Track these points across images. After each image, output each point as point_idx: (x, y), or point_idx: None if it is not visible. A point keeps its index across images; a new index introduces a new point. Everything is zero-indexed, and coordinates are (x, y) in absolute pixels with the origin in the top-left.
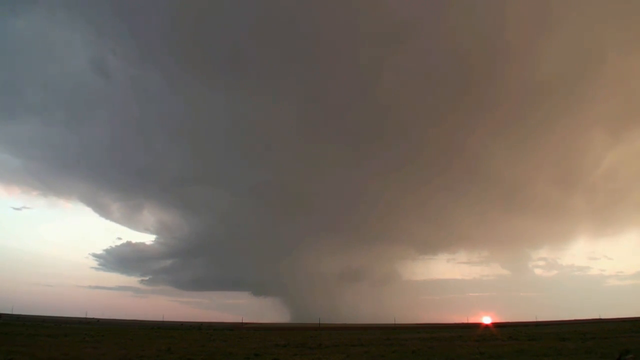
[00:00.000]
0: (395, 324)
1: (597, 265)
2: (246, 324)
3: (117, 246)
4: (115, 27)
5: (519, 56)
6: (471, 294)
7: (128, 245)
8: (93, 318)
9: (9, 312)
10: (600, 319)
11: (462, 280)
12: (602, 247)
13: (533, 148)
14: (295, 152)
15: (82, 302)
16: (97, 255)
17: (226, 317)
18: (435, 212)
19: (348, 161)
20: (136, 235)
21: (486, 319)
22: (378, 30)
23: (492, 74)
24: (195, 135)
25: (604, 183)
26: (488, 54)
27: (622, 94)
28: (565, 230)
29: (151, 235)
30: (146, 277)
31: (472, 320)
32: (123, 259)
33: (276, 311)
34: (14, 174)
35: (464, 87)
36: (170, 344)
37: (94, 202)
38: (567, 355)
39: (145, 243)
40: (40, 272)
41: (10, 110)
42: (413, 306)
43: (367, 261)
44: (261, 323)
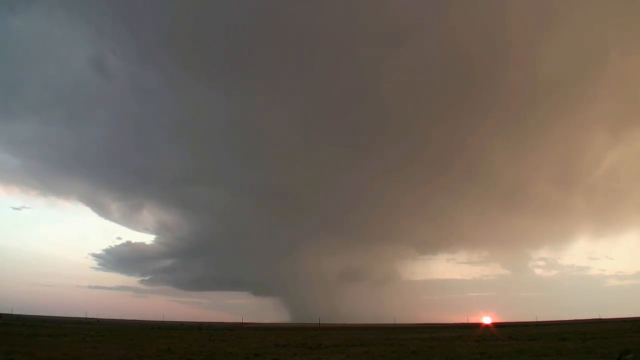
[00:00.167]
0: (395, 324)
1: (597, 265)
2: (246, 324)
3: (117, 246)
4: (115, 26)
5: (520, 56)
6: (471, 294)
7: (128, 245)
8: (93, 318)
9: (9, 312)
10: (600, 319)
11: (462, 280)
12: (602, 247)
13: (533, 148)
14: (295, 152)
15: (82, 302)
16: (96, 255)
17: (226, 317)
18: (436, 212)
19: (348, 161)
20: (136, 235)
21: (486, 319)
22: (378, 30)
23: (493, 73)
24: (195, 135)
25: (605, 183)
26: (489, 54)
27: (623, 94)
28: (566, 230)
29: (151, 235)
30: (146, 277)
31: (472, 320)
32: (123, 259)
33: (276, 311)
34: (13, 173)
35: (465, 87)
36: (170, 344)
37: (93, 202)
38: (567, 355)
39: (145, 243)
40: (40, 272)
41: (9, 109)
42: (413, 306)
43: (367, 261)
44: (261, 323)
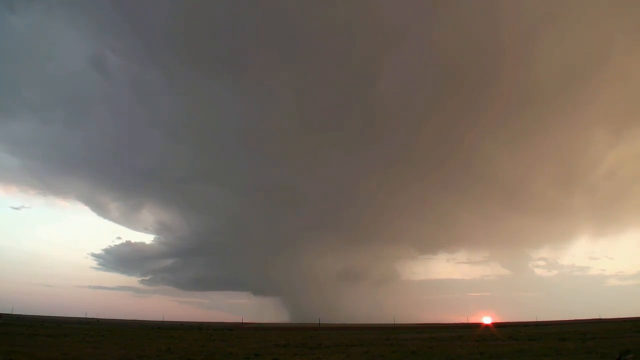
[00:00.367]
0: (395, 324)
1: (598, 265)
2: (246, 324)
3: (117, 245)
4: (115, 24)
5: (520, 54)
6: (471, 294)
7: (127, 244)
8: (93, 318)
9: (9, 312)
10: (601, 319)
11: (462, 280)
12: (603, 247)
13: (533, 146)
14: (295, 151)
15: (82, 302)
16: (96, 255)
17: (226, 317)
18: (435, 211)
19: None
20: (135, 235)
21: (486, 319)
22: (374, 30)
23: (493, 71)
24: (195, 134)
25: (605, 182)
26: (488, 52)
27: (624, 92)
28: (566, 230)
29: (150, 235)
30: (146, 277)
31: (472, 320)
32: (123, 259)
33: (276, 311)
34: (12, 173)
35: (464, 84)
36: (170, 344)
37: (92, 201)
38: (567, 355)
39: (144, 243)
40: (40, 272)
41: (8, 108)
42: (413, 306)
43: (366, 260)
44: (261, 323)
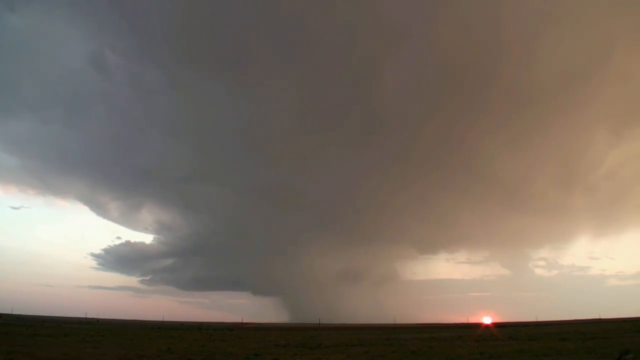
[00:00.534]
0: (395, 324)
1: (598, 265)
2: (246, 324)
3: (116, 245)
4: (114, 22)
5: (520, 54)
6: (471, 294)
7: (127, 244)
8: (93, 318)
9: (9, 312)
10: (601, 319)
11: (462, 280)
12: (603, 246)
13: (533, 146)
14: (295, 151)
15: (82, 302)
16: (95, 255)
17: (226, 317)
18: (435, 211)
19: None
20: (135, 235)
21: (486, 319)
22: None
23: (494, 71)
24: (194, 134)
25: (606, 182)
26: (488, 51)
27: (626, 92)
28: (566, 230)
29: (150, 234)
30: (146, 277)
31: (472, 320)
32: (122, 259)
33: (276, 311)
34: (11, 172)
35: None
36: (170, 344)
37: (91, 201)
38: (567, 355)
39: (144, 242)
40: (40, 272)
41: (7, 107)
42: (413, 306)
43: (366, 260)
44: (261, 323)
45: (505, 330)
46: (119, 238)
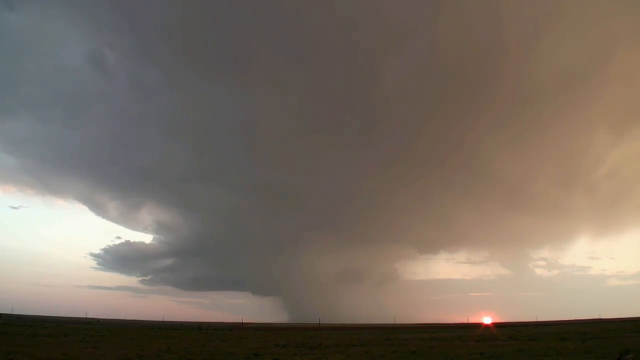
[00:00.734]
0: (395, 324)
1: (598, 265)
2: (246, 324)
3: (116, 245)
4: (113, 21)
5: (521, 53)
6: (471, 294)
7: (127, 244)
8: (93, 318)
9: (9, 312)
10: (601, 319)
11: (463, 280)
12: (604, 246)
13: (534, 146)
14: (295, 150)
15: (82, 302)
16: (95, 255)
17: (226, 317)
18: (435, 211)
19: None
20: (135, 235)
21: (486, 319)
22: (376, 27)
23: (494, 71)
24: (194, 133)
25: (606, 182)
26: (489, 51)
27: (627, 92)
28: (566, 230)
29: (149, 234)
30: (146, 276)
31: (472, 320)
32: (122, 258)
33: (275, 311)
34: (10, 172)
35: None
36: (170, 344)
37: (90, 201)
38: (567, 355)
39: (144, 242)
40: (40, 272)
41: (5, 107)
42: (413, 306)
43: (366, 260)
44: (261, 323)
45: (505, 330)
46: (118, 238)
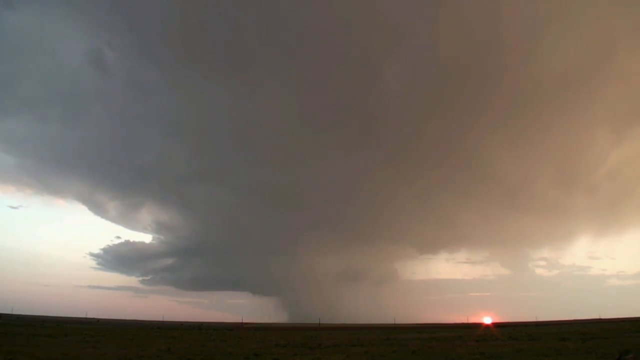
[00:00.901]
0: (395, 324)
1: (598, 265)
2: (246, 324)
3: (115, 245)
4: (113, 19)
5: (521, 52)
6: (471, 294)
7: (127, 244)
8: (93, 318)
9: (9, 312)
10: (601, 319)
11: (463, 280)
12: (604, 246)
13: (535, 146)
14: (295, 150)
15: (82, 302)
16: (95, 255)
17: (226, 317)
18: (435, 211)
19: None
20: (134, 235)
21: (486, 319)
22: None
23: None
24: (193, 133)
25: (607, 182)
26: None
27: (627, 91)
28: (567, 230)
29: (149, 234)
30: (146, 276)
31: (473, 320)
32: (122, 258)
33: (275, 311)
34: (8, 171)
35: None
36: (170, 344)
37: (89, 201)
38: (567, 355)
39: (144, 242)
40: (40, 272)
41: (4, 106)
42: (413, 306)
43: (366, 260)
44: (261, 323)
45: (505, 330)
46: (118, 237)
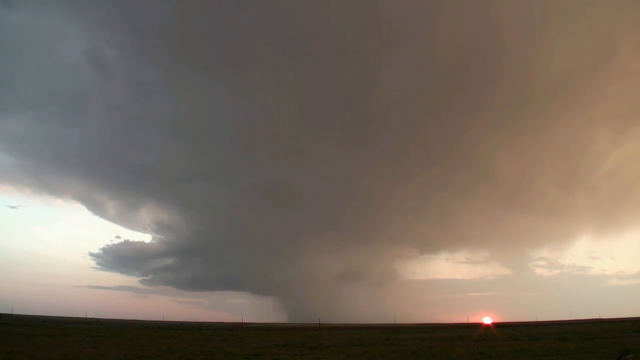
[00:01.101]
0: (395, 324)
1: (599, 265)
2: (246, 324)
3: (115, 245)
4: (112, 18)
5: (521, 51)
6: (471, 294)
7: (126, 244)
8: (93, 318)
9: (9, 312)
10: (601, 319)
11: (463, 280)
12: (604, 246)
13: (535, 145)
14: (294, 149)
15: (82, 302)
16: (94, 255)
17: (225, 317)
18: (435, 210)
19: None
20: (134, 235)
21: (486, 319)
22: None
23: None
24: (193, 132)
25: (607, 181)
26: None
27: (628, 90)
28: (567, 230)
29: (148, 234)
30: (146, 276)
31: (473, 320)
32: (122, 258)
33: (275, 311)
34: (7, 171)
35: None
36: (170, 344)
37: (88, 200)
38: (567, 355)
39: (144, 242)
40: (39, 272)
41: (2, 105)
42: (413, 306)
43: (366, 260)
44: (260, 323)
45: (505, 330)
46: (118, 237)
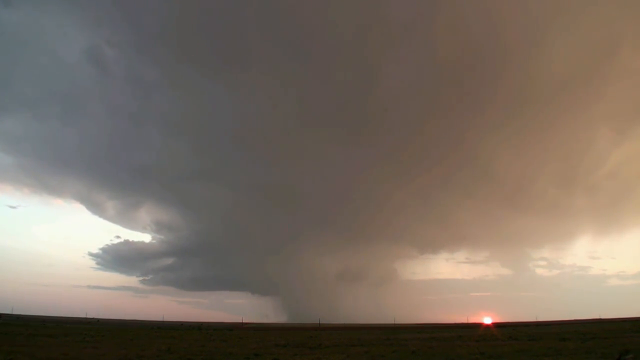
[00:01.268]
0: (395, 324)
1: (599, 265)
2: (246, 324)
3: (115, 245)
4: (112, 16)
5: (522, 51)
6: (471, 294)
7: (126, 244)
8: (93, 318)
9: (8, 312)
10: (601, 319)
11: (463, 280)
12: (604, 246)
13: (535, 145)
14: (294, 148)
15: (82, 302)
16: (94, 255)
17: (225, 317)
18: (435, 210)
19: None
20: (133, 235)
21: (486, 319)
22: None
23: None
24: (192, 132)
25: (607, 181)
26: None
27: (629, 90)
28: (567, 230)
29: (148, 234)
30: (146, 276)
31: (473, 320)
32: (121, 258)
33: (274, 311)
34: (6, 171)
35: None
36: (170, 344)
37: (88, 200)
38: (567, 355)
39: (144, 242)
40: (39, 272)
41: (1, 104)
42: (413, 306)
43: (366, 260)
44: (260, 323)
45: (506, 330)
46: (117, 237)
